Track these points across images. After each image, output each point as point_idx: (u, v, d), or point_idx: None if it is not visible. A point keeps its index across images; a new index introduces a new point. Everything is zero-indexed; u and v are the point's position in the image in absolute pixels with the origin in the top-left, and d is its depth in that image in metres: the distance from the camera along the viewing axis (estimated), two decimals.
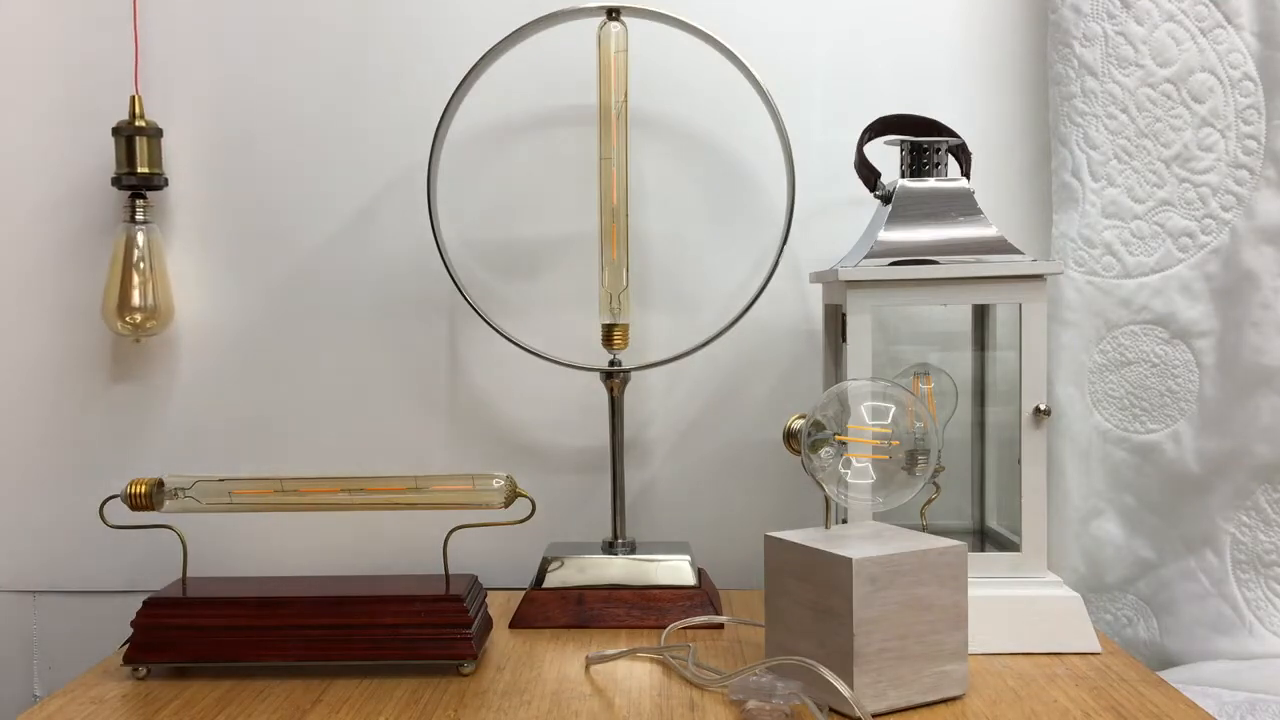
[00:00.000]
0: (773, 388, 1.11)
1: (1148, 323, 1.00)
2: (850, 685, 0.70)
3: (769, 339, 1.11)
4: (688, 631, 0.92)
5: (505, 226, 1.12)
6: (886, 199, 0.94)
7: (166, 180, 1.10)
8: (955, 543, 0.75)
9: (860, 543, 0.75)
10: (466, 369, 1.13)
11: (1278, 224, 0.95)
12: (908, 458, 0.80)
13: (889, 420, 0.79)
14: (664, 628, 0.92)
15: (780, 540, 0.78)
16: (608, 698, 0.77)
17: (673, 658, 0.84)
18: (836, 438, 0.79)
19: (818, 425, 0.79)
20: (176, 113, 1.11)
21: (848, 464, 0.79)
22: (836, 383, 1.00)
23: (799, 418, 0.81)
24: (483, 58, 0.99)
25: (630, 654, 0.86)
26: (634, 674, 0.82)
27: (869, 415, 0.79)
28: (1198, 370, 0.99)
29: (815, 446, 0.79)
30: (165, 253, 1.11)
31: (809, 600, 0.74)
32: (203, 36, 1.12)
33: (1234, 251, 0.97)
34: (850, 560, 0.70)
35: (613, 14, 0.99)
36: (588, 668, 0.84)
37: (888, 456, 0.79)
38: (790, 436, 0.81)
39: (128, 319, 1.07)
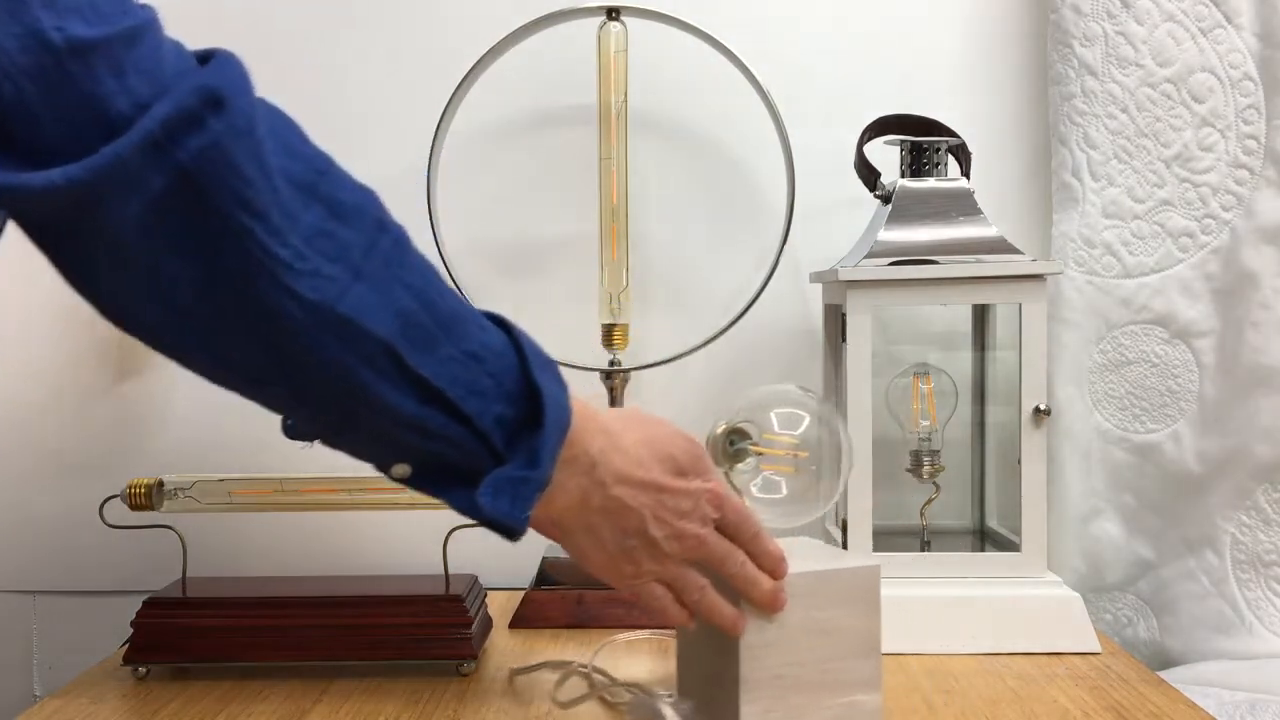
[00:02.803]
0: None
1: (1148, 322, 1.00)
2: (737, 714, 0.65)
3: (769, 339, 1.11)
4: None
5: (505, 226, 1.12)
6: (886, 199, 0.94)
7: None
8: (867, 563, 0.70)
9: None
10: None
11: (1278, 224, 0.95)
12: (817, 471, 0.76)
13: (799, 431, 0.75)
14: (664, 627, 0.91)
15: None
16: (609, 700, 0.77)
17: (594, 671, 0.80)
18: (752, 447, 0.74)
19: (740, 433, 0.75)
20: None
21: (755, 475, 0.75)
22: (834, 384, 1.00)
23: (724, 425, 0.75)
24: (483, 58, 0.99)
25: (550, 666, 0.82)
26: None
27: (777, 424, 0.75)
28: (1198, 370, 0.99)
29: (738, 456, 0.74)
30: None
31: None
32: (204, 37, 1.12)
33: (1234, 251, 0.97)
34: None
35: (613, 14, 0.99)
36: (511, 679, 0.81)
37: (793, 470, 0.74)
38: (711, 444, 0.74)
39: None
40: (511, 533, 0.58)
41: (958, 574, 0.88)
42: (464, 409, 0.55)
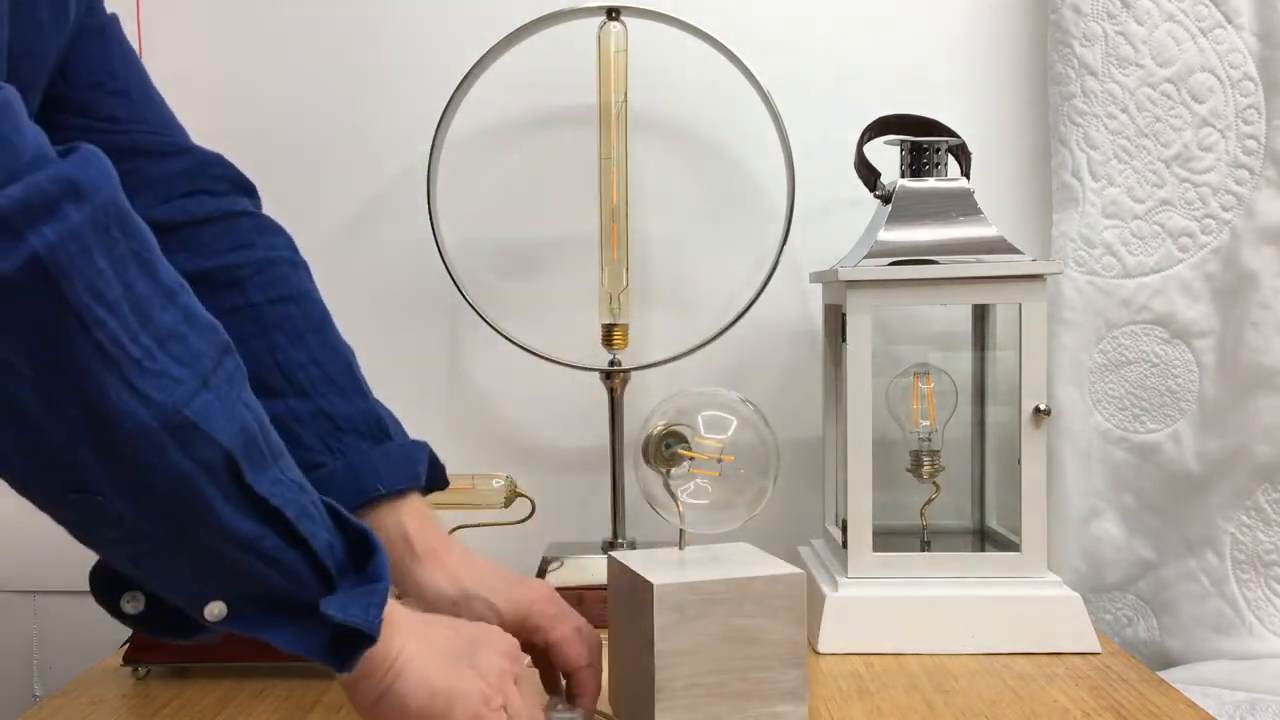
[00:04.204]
0: (772, 388, 1.11)
1: (1148, 322, 1.00)
2: None
3: (769, 339, 1.11)
4: None
5: (505, 226, 1.12)
6: (886, 199, 0.94)
7: None
8: (792, 571, 0.67)
9: (685, 567, 0.68)
10: (466, 369, 1.13)
11: (1278, 224, 0.95)
12: (745, 475, 0.74)
13: (726, 435, 0.73)
14: None
15: (615, 560, 0.72)
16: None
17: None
18: (683, 451, 0.72)
19: (676, 436, 0.74)
20: (178, 114, 1.11)
21: (687, 480, 0.73)
22: (834, 384, 1.00)
23: (661, 425, 0.73)
24: (483, 58, 0.99)
25: None
26: None
27: (704, 428, 0.74)
28: (1198, 370, 0.99)
29: (673, 460, 0.72)
30: None
31: (631, 626, 0.69)
32: (203, 38, 1.12)
33: (1234, 251, 0.97)
34: (652, 585, 0.64)
35: (613, 14, 0.99)
36: None
37: (718, 473, 0.72)
38: (646, 448, 0.73)
39: None
40: (361, 643, 0.54)
41: (958, 574, 0.88)
42: (300, 531, 0.54)
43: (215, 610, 0.54)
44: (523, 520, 0.95)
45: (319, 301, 0.78)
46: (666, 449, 0.72)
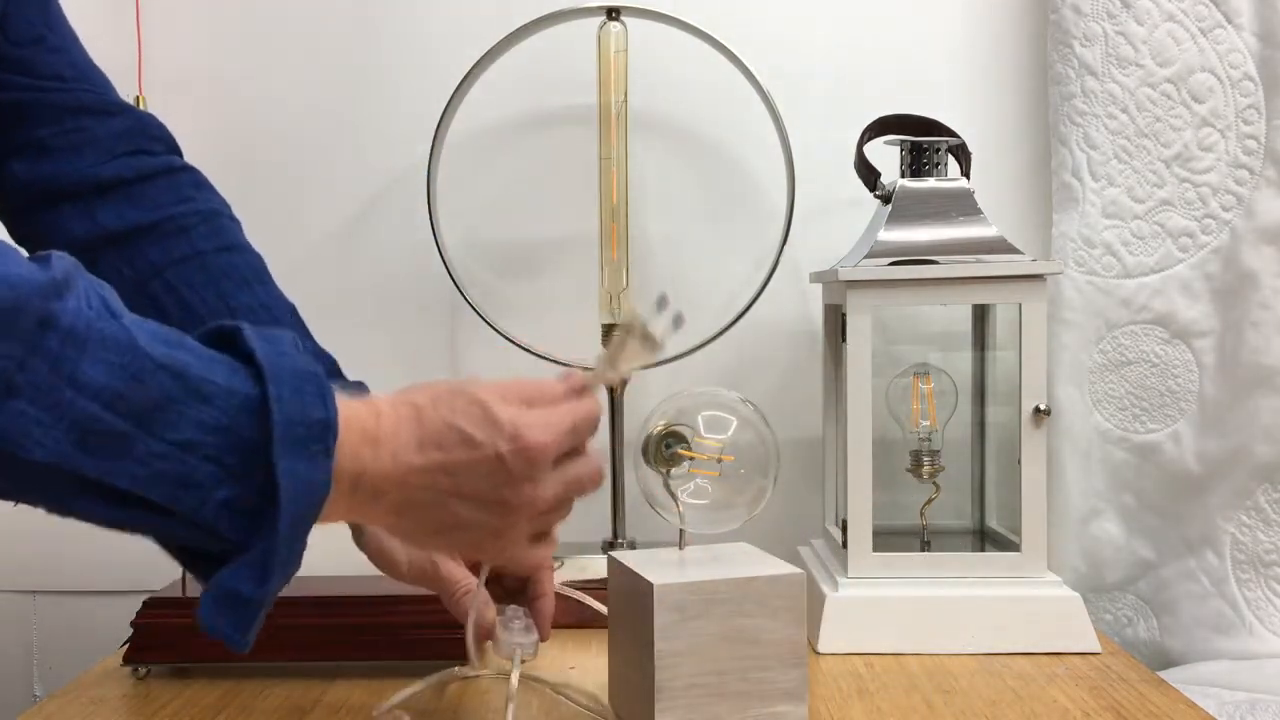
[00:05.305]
0: (773, 388, 1.11)
1: (1148, 322, 1.00)
2: None
3: (769, 339, 1.11)
4: None
5: (505, 226, 1.12)
6: (886, 199, 0.94)
7: None
8: (792, 570, 0.67)
9: (685, 567, 0.68)
10: (466, 369, 1.13)
11: (1278, 224, 0.95)
12: (746, 475, 0.74)
13: (726, 435, 0.72)
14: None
15: (615, 560, 0.72)
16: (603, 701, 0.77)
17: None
18: (682, 450, 0.72)
19: (676, 436, 0.72)
20: (177, 115, 1.10)
21: (687, 480, 0.73)
22: (834, 384, 1.00)
23: (661, 425, 0.73)
24: (483, 58, 0.99)
25: (429, 684, 0.78)
26: None
27: (704, 428, 0.74)
28: (1198, 370, 0.99)
29: (674, 460, 0.72)
30: None
31: (631, 626, 0.69)
32: (203, 38, 1.12)
33: (1234, 251, 0.97)
34: (652, 585, 0.65)
35: (613, 14, 0.99)
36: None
37: (718, 473, 0.72)
38: (646, 448, 0.73)
39: None
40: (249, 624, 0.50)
41: (958, 574, 0.88)
42: (176, 508, 0.48)
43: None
44: None
45: (258, 254, 0.79)
46: (666, 449, 0.72)
